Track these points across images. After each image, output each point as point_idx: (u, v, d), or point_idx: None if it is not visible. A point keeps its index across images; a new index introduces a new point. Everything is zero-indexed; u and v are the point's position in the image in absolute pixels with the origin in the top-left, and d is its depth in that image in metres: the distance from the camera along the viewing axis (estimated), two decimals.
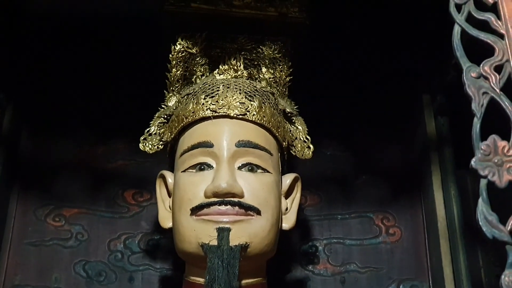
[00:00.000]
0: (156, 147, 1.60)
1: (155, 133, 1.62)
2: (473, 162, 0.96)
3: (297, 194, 1.58)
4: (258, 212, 1.41)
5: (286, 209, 1.55)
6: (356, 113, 1.94)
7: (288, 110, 1.63)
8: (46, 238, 1.82)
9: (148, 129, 1.62)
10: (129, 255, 1.82)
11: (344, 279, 1.81)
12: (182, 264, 1.53)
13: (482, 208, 0.93)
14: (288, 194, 1.57)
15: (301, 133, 1.63)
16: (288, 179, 1.57)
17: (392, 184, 1.90)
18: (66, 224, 1.84)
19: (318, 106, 1.85)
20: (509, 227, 0.92)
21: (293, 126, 1.64)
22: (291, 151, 1.61)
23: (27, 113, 1.91)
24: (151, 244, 1.83)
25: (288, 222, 1.53)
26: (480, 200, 0.94)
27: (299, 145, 1.62)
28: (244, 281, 1.41)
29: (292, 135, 1.63)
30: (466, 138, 1.03)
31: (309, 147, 1.62)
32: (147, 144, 1.61)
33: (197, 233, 1.38)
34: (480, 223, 0.92)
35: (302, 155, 1.61)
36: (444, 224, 1.75)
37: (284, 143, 1.57)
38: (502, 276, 0.90)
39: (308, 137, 1.63)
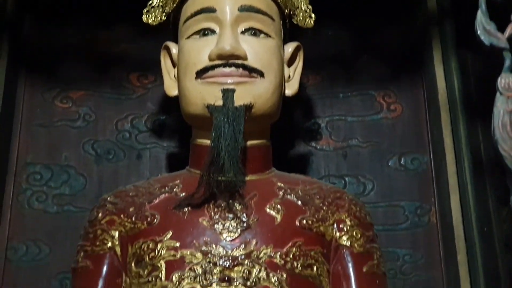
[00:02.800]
0: (159, 18, 1.59)
1: (158, 5, 1.61)
2: None
3: (299, 63, 1.60)
4: (261, 74, 1.43)
5: (289, 76, 1.56)
6: None
7: None
8: (55, 119, 1.86)
9: (150, 2, 1.60)
10: (136, 134, 1.86)
11: (346, 153, 1.85)
12: (187, 140, 1.56)
13: (481, 19, 0.95)
14: (290, 62, 1.58)
15: (302, 3, 1.63)
16: (290, 47, 1.58)
17: (393, 62, 1.91)
18: (73, 105, 1.87)
19: None
20: (506, 35, 0.94)
21: None
22: (293, 19, 1.61)
23: None
24: (157, 123, 1.87)
25: (291, 88, 1.56)
26: (479, 11, 0.96)
27: (301, 14, 1.61)
28: (249, 142, 1.44)
29: (294, 4, 1.62)
30: (467, 13, 1.04)
31: (310, 16, 1.61)
32: (150, 16, 1.59)
33: (203, 95, 1.41)
34: (479, 33, 0.94)
35: (304, 24, 1.61)
36: (445, 96, 1.78)
37: (286, 10, 1.57)
38: (499, 79, 0.92)
39: (310, 6, 1.63)
